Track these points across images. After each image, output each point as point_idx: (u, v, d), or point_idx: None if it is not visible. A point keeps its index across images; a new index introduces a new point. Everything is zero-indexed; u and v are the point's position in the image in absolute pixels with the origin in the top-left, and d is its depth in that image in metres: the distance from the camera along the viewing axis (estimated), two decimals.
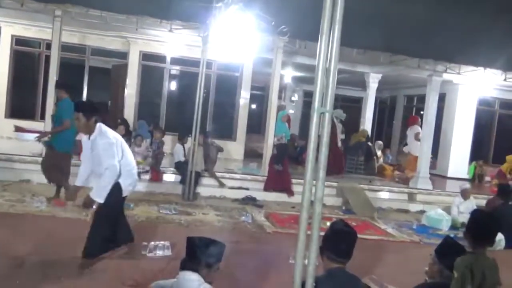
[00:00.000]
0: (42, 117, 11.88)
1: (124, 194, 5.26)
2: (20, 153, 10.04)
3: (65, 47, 10.91)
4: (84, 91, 13.79)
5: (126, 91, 13.34)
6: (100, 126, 5.09)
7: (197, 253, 3.35)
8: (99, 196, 4.98)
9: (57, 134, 7.81)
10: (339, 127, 12.42)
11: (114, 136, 5.12)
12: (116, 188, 5.09)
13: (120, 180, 5.09)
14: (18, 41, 13.25)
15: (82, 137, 5.25)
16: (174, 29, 9.45)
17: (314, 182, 2.74)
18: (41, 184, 9.07)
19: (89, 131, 5.07)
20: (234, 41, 9.05)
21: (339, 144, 12.38)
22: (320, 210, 2.80)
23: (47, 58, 12.68)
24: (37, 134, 8.53)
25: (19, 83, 13.42)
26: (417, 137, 12.57)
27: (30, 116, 13.23)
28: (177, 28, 9.41)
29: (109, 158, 4.94)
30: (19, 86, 13.39)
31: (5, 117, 13.06)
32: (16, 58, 13.29)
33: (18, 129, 12.48)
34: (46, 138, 8.20)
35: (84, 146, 5.23)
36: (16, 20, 12.09)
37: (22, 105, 13.50)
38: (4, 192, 8.25)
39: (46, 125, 9.76)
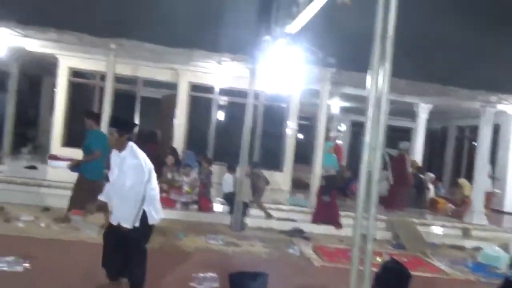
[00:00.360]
0: None
1: (150, 221, 5.12)
2: (73, 181, 10.36)
3: (118, 79, 11.30)
4: (135, 121, 14.18)
5: (175, 121, 13.62)
6: (132, 146, 5.06)
7: None
8: (127, 220, 4.88)
9: (86, 163, 8.01)
10: (409, 159, 12.16)
11: (143, 158, 5.06)
12: (142, 213, 5.01)
13: (145, 207, 5.01)
14: (75, 73, 13.85)
15: (112, 154, 5.19)
16: (223, 61, 9.64)
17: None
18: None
19: (120, 147, 5.02)
20: (282, 73, 9.13)
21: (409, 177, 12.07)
22: (372, 248, 2.72)
23: (102, 89, 13.19)
24: (69, 162, 8.81)
25: (75, 113, 13.94)
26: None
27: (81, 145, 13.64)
28: (225, 60, 9.61)
29: (135, 178, 4.89)
30: (75, 116, 13.92)
31: (62, 146, 13.57)
32: (72, 89, 13.87)
33: (51, 156, 12.83)
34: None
35: (112, 163, 5.18)
36: (73, 53, 12.62)
37: (78, 134, 13.97)
38: (57, 218, 8.49)
39: None
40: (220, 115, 14.38)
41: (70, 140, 13.76)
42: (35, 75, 18.13)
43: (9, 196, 9.22)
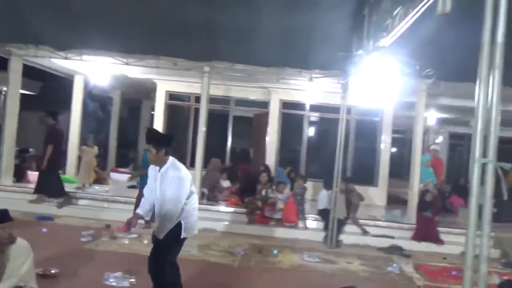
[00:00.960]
0: (192, 165, 12.74)
1: (183, 235, 4.96)
2: None
3: (211, 99, 11.65)
4: (228, 139, 14.58)
5: (267, 139, 13.79)
6: (173, 160, 4.98)
7: None
8: (162, 231, 4.85)
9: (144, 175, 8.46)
10: None
11: (186, 172, 4.98)
12: (176, 226, 4.89)
13: (181, 219, 4.90)
14: (171, 96, 14.53)
15: (150, 170, 5.10)
16: (314, 78, 9.64)
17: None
18: None
19: (160, 163, 4.93)
20: (375, 86, 8.96)
21: None
22: (486, 270, 2.55)
23: (196, 110, 13.71)
24: (129, 175, 9.82)
25: (172, 135, 14.57)
26: None
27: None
28: (316, 76, 9.60)
29: (176, 190, 4.80)
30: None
31: None
32: (169, 111, 14.55)
33: (112, 170, 13.32)
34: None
35: (150, 178, 5.09)
36: (170, 77, 13.25)
37: (175, 154, 14.56)
38: None
39: (196, 172, 10.46)
40: (312, 131, 14.35)
41: None
42: (135, 99, 19.26)
43: (114, 214, 9.76)
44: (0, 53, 10.58)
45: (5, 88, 16.71)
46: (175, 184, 4.83)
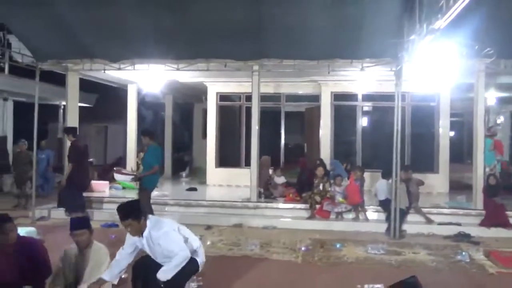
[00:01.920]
0: (247, 164, 12.82)
1: (200, 269, 5.14)
2: (230, 199, 10.93)
3: (262, 97, 11.65)
4: (281, 136, 14.57)
5: (321, 132, 13.66)
6: (150, 220, 4.88)
7: None
8: (165, 276, 4.71)
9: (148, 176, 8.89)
10: None
11: (166, 224, 4.94)
12: (193, 262, 4.96)
13: (197, 258, 5.03)
14: (222, 97, 14.67)
15: (128, 237, 4.98)
16: (366, 67, 9.45)
17: None
18: (251, 227, 9.73)
19: (140, 231, 4.82)
20: (430, 71, 8.67)
21: None
22: None
23: (247, 109, 13.80)
24: (132, 176, 10.09)
25: (225, 135, 14.75)
26: None
27: (236, 164, 14.34)
28: (368, 65, 9.40)
29: (176, 244, 4.77)
30: (225, 138, 14.72)
31: (216, 167, 14.39)
32: (221, 112, 14.69)
33: (116, 171, 13.20)
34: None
35: (128, 244, 4.99)
36: (219, 79, 13.38)
37: (229, 154, 14.75)
38: (221, 236, 8.97)
39: (252, 170, 10.53)
40: (366, 121, 14.11)
41: (223, 160, 14.54)
42: (186, 103, 19.60)
43: (176, 217, 9.93)
44: (58, 69, 10.98)
45: (63, 103, 17.51)
46: (169, 240, 4.76)
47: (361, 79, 12.08)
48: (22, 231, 5.49)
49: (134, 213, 4.74)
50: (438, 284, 6.14)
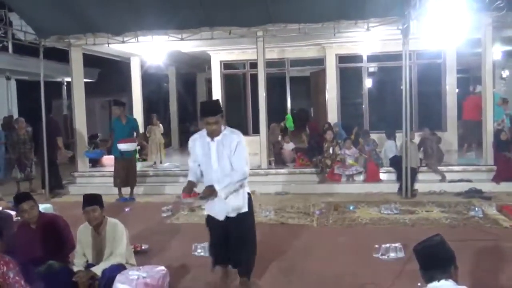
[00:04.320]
0: (255, 132, 12.83)
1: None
2: None
3: (266, 63, 11.57)
4: (287, 101, 14.52)
5: (327, 96, 13.61)
6: (226, 127, 4.64)
7: (438, 259, 2.99)
8: (226, 192, 4.48)
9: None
10: None
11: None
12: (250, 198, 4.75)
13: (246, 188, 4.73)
14: (226, 65, 14.56)
15: (193, 145, 4.77)
16: (371, 27, 9.32)
17: None
18: (263, 194, 9.80)
19: (218, 132, 4.54)
20: (436, 28, 8.55)
21: None
22: None
23: (252, 77, 13.72)
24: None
25: (231, 104, 14.71)
26: None
27: (244, 132, 14.18)
28: (374, 25, 9.26)
29: (244, 158, 4.55)
30: (230, 107, 14.68)
31: None
32: (225, 81, 14.62)
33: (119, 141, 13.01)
34: None
35: (192, 159, 4.84)
36: (223, 47, 13.25)
37: (235, 123, 14.70)
38: None
39: (261, 138, 10.55)
40: (371, 83, 14.01)
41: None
42: (189, 73, 19.48)
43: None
44: (61, 45, 10.90)
45: (66, 79, 17.45)
46: (240, 148, 4.50)
47: (366, 39, 11.94)
48: (39, 207, 5.54)
49: (220, 111, 4.52)
50: (455, 240, 6.19)
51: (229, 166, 4.52)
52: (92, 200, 4.81)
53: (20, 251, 4.95)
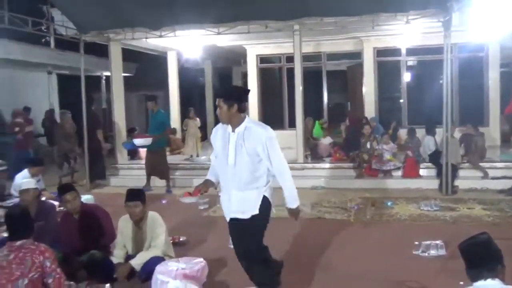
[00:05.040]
0: (291, 126, 12.79)
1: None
2: None
3: (302, 57, 11.49)
4: (324, 96, 14.39)
5: (364, 90, 13.44)
6: (252, 120, 4.11)
7: (485, 258, 2.90)
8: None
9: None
10: None
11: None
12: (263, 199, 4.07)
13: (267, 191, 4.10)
14: (262, 59, 14.55)
15: (213, 136, 4.18)
16: (411, 20, 9.12)
17: None
18: (299, 188, 9.68)
19: (231, 121, 3.97)
20: (480, 20, 8.29)
21: None
22: None
23: (288, 70, 13.68)
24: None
25: (267, 98, 14.70)
26: None
27: (279, 126, 14.30)
28: (414, 18, 9.05)
29: (280, 154, 3.98)
30: (266, 100, 14.68)
31: None
32: (261, 75, 14.60)
33: (135, 136, 12.89)
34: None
35: (218, 145, 4.11)
36: (259, 41, 13.22)
37: (271, 117, 14.74)
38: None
39: (297, 132, 10.50)
40: (410, 76, 13.74)
41: (266, 123, 14.43)
42: (225, 67, 19.56)
43: None
44: (100, 40, 11.10)
45: (105, 73, 17.80)
46: (275, 144, 3.94)
47: (405, 32, 11.70)
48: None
49: (225, 95, 3.99)
50: (499, 239, 6.00)
51: (248, 166, 3.93)
52: (135, 196, 4.90)
53: (63, 241, 5.09)
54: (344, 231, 6.74)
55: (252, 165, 3.94)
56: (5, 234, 4.95)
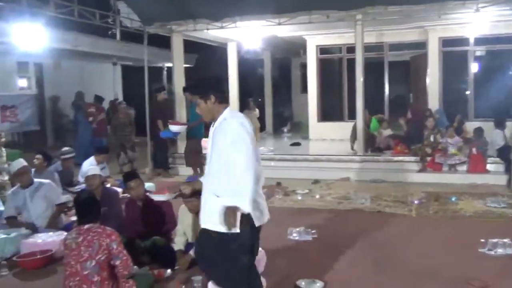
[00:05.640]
0: (351, 118, 12.60)
1: (257, 223, 3.48)
2: (336, 153, 10.82)
3: (364, 47, 11.26)
4: (385, 87, 14.04)
5: (428, 81, 12.99)
6: (233, 111, 3.64)
7: None
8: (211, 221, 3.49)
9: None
10: None
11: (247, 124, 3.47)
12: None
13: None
14: (322, 50, 14.37)
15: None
16: (481, 8, 8.71)
17: None
18: (358, 181, 9.63)
19: (211, 115, 3.58)
20: None
21: None
22: None
23: (349, 61, 13.44)
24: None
25: (326, 89, 14.53)
26: None
27: (339, 118, 14.14)
28: (484, 5, 8.64)
29: (240, 149, 3.35)
30: (326, 92, 14.51)
31: (318, 121, 14.30)
32: (321, 66, 14.43)
33: (171, 122, 12.61)
34: None
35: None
36: (319, 31, 13.05)
37: (331, 108, 14.58)
38: (329, 190, 8.96)
39: (358, 124, 10.30)
40: (478, 67, 13.12)
41: (325, 114, 14.40)
42: (284, 58, 19.49)
43: (282, 172, 10.08)
44: (163, 32, 11.34)
45: (166, 64, 18.20)
46: (236, 140, 3.36)
47: (474, 21, 11.18)
48: None
49: (196, 88, 3.67)
50: None
51: (216, 163, 3.48)
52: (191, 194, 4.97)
53: (127, 226, 5.27)
54: (404, 226, 6.58)
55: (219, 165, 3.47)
56: (73, 218, 5.21)
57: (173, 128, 9.69)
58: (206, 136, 3.95)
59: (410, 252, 5.46)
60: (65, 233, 4.54)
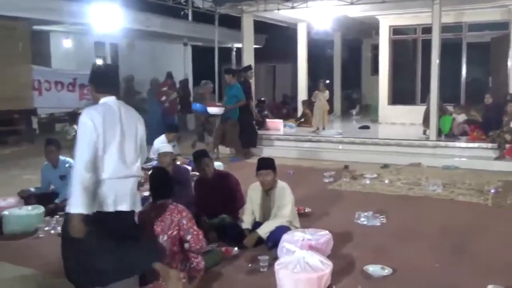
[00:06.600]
0: (423, 101, 12.14)
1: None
2: (407, 137, 10.51)
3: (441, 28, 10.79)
4: (462, 70, 13.42)
5: (510, 63, 12.26)
6: (107, 101, 3.51)
7: None
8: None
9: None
10: None
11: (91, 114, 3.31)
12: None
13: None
14: (395, 30, 13.91)
15: None
16: None
17: None
18: (430, 167, 9.29)
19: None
20: None
21: None
22: None
23: (423, 42, 12.93)
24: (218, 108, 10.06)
25: (398, 71, 14.09)
26: None
27: (411, 101, 13.69)
28: None
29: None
30: (398, 74, 14.07)
31: (388, 104, 13.92)
32: (394, 47, 13.98)
33: (209, 104, 11.10)
34: None
35: None
36: (392, 11, 12.62)
37: (403, 91, 14.13)
38: (399, 175, 8.71)
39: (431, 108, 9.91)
40: None
41: (396, 97, 13.98)
42: (355, 39, 19.05)
43: (350, 155, 9.94)
44: (234, 12, 11.39)
45: (235, 45, 18.29)
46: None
47: None
48: None
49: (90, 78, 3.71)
50: None
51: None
52: (267, 164, 5.02)
53: (197, 203, 5.39)
54: (479, 216, 6.27)
55: None
56: (146, 194, 5.40)
57: (211, 110, 9.87)
58: None
59: (485, 243, 5.19)
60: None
